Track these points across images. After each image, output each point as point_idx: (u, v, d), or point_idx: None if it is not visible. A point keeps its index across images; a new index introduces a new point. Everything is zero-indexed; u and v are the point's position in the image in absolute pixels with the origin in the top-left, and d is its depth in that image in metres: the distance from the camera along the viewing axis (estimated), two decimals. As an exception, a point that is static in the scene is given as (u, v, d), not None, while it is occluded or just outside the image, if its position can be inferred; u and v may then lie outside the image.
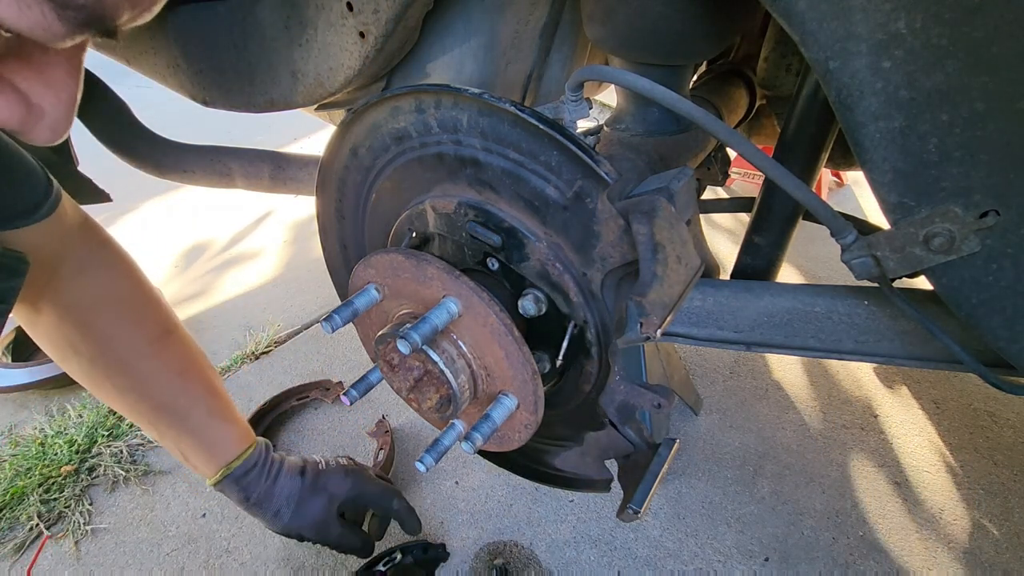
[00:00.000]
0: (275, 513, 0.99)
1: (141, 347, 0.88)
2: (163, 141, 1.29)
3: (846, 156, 1.20)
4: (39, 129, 0.39)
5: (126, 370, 0.88)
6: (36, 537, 1.28)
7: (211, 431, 0.95)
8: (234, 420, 0.98)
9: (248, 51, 0.98)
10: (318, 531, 1.00)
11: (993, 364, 0.62)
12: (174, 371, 0.92)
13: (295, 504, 0.99)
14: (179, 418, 0.92)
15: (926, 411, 1.48)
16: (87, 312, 0.84)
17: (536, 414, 0.71)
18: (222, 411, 0.96)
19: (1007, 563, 1.14)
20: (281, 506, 0.99)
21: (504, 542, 1.22)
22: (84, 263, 0.83)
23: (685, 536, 1.22)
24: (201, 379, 0.95)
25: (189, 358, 0.94)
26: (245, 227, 2.66)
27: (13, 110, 0.37)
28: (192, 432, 0.93)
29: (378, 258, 0.72)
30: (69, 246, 0.80)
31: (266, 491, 0.98)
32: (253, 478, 0.97)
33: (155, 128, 1.30)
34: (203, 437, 0.94)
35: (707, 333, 0.77)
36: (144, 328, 0.89)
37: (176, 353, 0.93)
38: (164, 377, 0.91)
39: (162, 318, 0.92)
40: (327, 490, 1.02)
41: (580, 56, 1.08)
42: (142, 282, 0.91)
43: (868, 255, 0.59)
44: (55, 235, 0.77)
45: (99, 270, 0.85)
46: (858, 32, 0.49)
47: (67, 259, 0.81)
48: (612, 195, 0.60)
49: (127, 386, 0.89)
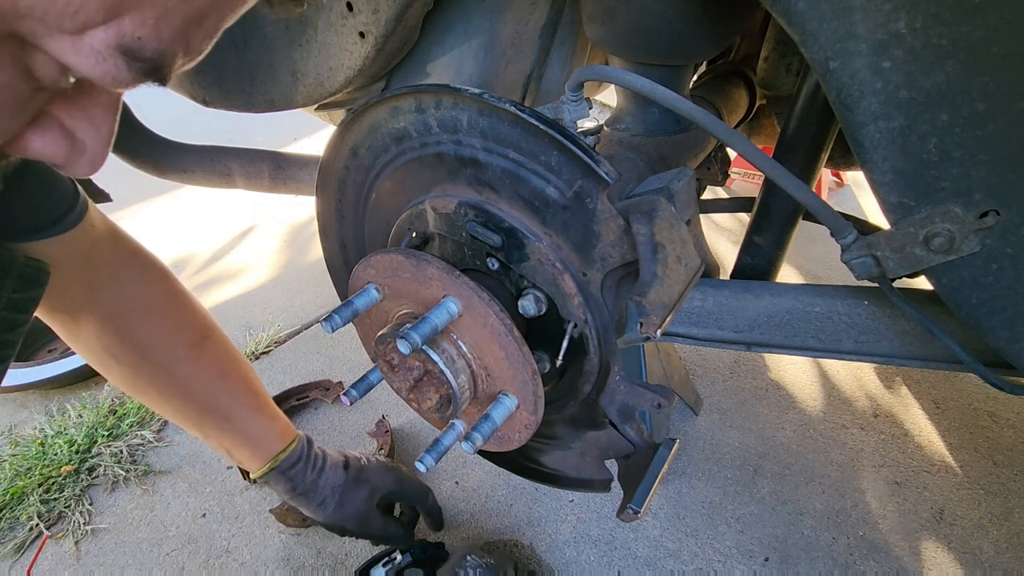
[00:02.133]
0: (320, 503, 1.01)
1: (180, 353, 0.90)
2: (163, 141, 1.29)
3: (846, 156, 1.20)
4: (80, 164, 0.41)
5: (167, 376, 0.90)
6: (36, 537, 1.28)
7: (254, 428, 0.97)
8: (275, 415, 1.01)
9: (248, 51, 0.98)
10: (360, 523, 1.03)
11: (993, 364, 0.62)
12: (214, 374, 0.94)
13: (339, 495, 1.03)
14: (222, 418, 0.95)
15: (926, 411, 1.48)
16: (124, 322, 0.86)
17: (536, 414, 0.71)
18: (263, 408, 0.99)
19: (1007, 563, 1.14)
20: (326, 497, 1.02)
21: (504, 541, 1.22)
22: (118, 273, 0.85)
23: (685, 536, 1.22)
24: (241, 379, 0.98)
25: (228, 360, 0.97)
26: (245, 227, 2.66)
27: (59, 146, 0.39)
28: (236, 431, 0.96)
29: (378, 258, 0.72)
30: (101, 256, 0.82)
31: (312, 482, 1.01)
32: (299, 470, 1.00)
33: (155, 128, 1.30)
34: (247, 434, 0.97)
35: (707, 333, 0.77)
36: (182, 334, 0.91)
37: (215, 356, 0.95)
38: (205, 380, 0.93)
39: (199, 323, 0.94)
40: (369, 483, 1.06)
41: (580, 56, 1.08)
42: (177, 289, 0.93)
43: (868, 255, 0.59)
44: (84, 245, 0.78)
45: (133, 280, 0.87)
46: (858, 32, 0.49)
47: (100, 270, 0.82)
48: (612, 195, 0.60)
49: (169, 392, 0.91)
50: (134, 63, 0.34)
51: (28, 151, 0.38)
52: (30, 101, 0.35)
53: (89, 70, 0.33)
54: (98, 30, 0.32)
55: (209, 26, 0.37)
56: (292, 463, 1.00)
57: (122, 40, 0.32)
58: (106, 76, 0.34)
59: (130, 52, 0.33)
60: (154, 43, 0.34)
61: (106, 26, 0.32)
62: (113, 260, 0.84)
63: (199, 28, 0.36)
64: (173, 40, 0.35)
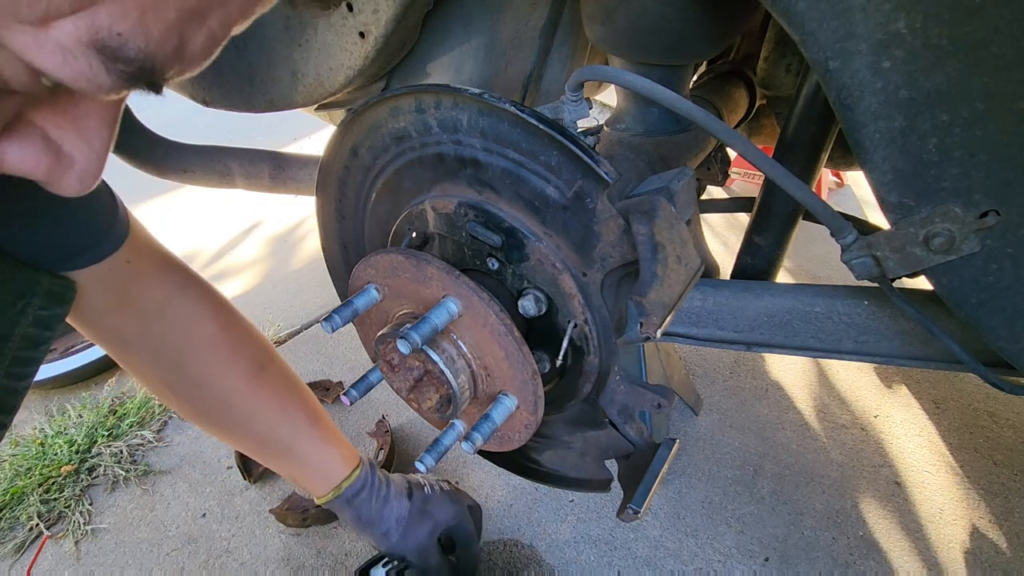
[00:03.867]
0: (384, 534, 0.99)
1: (237, 386, 0.87)
2: (163, 141, 1.29)
3: (846, 156, 1.20)
4: (67, 180, 0.35)
5: (225, 409, 0.88)
6: (36, 537, 1.28)
7: (316, 457, 0.95)
8: (337, 441, 0.98)
9: (248, 51, 0.98)
10: (421, 556, 1.00)
11: (993, 364, 0.62)
12: (274, 404, 0.91)
13: (404, 527, 0.99)
14: (283, 448, 0.93)
15: (926, 411, 1.48)
16: (177, 355, 0.83)
17: (536, 414, 0.71)
18: (325, 436, 0.96)
19: (1007, 563, 1.14)
20: (390, 528, 0.99)
21: (504, 541, 1.22)
22: (167, 305, 0.81)
23: (685, 536, 1.22)
24: (301, 408, 0.94)
25: (287, 389, 0.94)
26: (245, 227, 2.66)
27: (41, 159, 0.34)
28: (298, 460, 0.94)
29: (378, 258, 0.72)
30: (147, 286, 0.79)
31: (376, 512, 0.98)
32: (363, 499, 0.97)
33: (155, 128, 1.30)
34: (309, 463, 0.95)
35: (707, 333, 0.77)
36: (238, 367, 0.88)
37: (273, 386, 0.92)
38: (264, 412, 0.90)
39: (255, 354, 0.90)
40: (433, 517, 1.02)
41: (580, 56, 1.08)
42: (232, 319, 0.89)
43: (868, 255, 0.59)
44: (126, 272, 0.75)
45: (184, 312, 0.83)
46: (858, 32, 0.49)
47: (147, 300, 0.79)
48: (612, 195, 0.60)
49: (228, 424, 0.90)
50: (114, 65, 0.28)
51: (3, 164, 0.33)
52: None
53: (56, 70, 0.27)
54: (65, 21, 0.26)
55: (213, 25, 0.31)
56: (356, 491, 0.97)
57: (97, 36, 0.27)
58: (78, 79, 0.28)
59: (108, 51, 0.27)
60: (139, 41, 0.28)
61: (75, 17, 0.26)
62: (160, 291, 0.80)
63: (199, 27, 0.31)
64: (164, 39, 0.29)
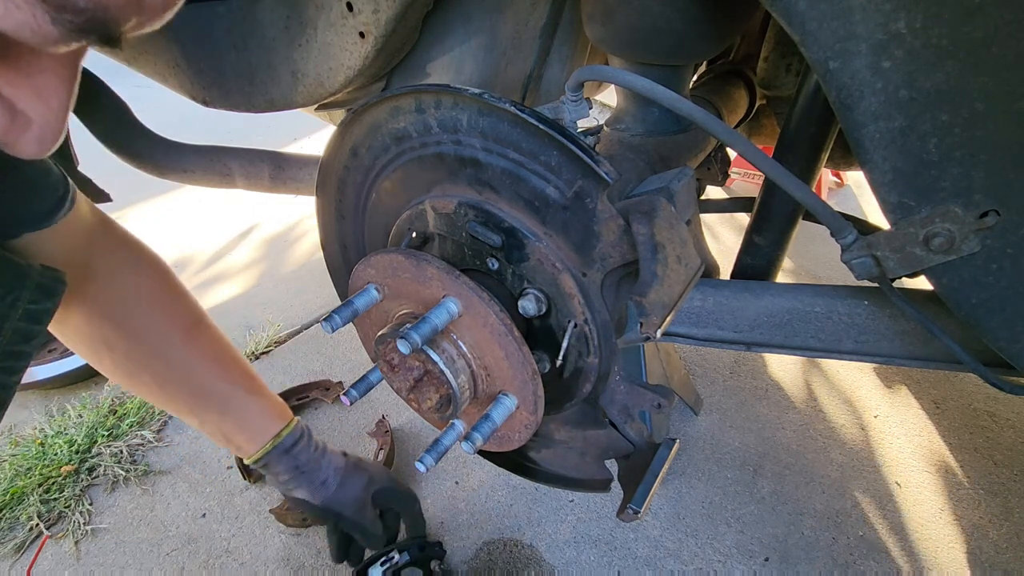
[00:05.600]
0: (322, 482, 1.01)
1: (175, 337, 0.90)
2: (163, 141, 1.29)
3: (846, 156, 1.20)
4: (24, 140, 0.34)
5: (162, 361, 0.90)
6: (36, 537, 1.28)
7: (253, 409, 0.97)
8: (272, 397, 1.01)
9: (248, 51, 0.98)
10: (357, 510, 1.03)
11: (993, 364, 0.62)
12: (210, 357, 0.94)
13: (341, 477, 1.02)
14: (220, 400, 0.95)
15: (926, 411, 1.48)
16: (119, 310, 0.85)
17: (536, 414, 0.71)
18: (259, 390, 0.99)
19: (1007, 563, 1.14)
20: (328, 476, 1.02)
21: (503, 541, 1.22)
22: (111, 263, 0.84)
23: (685, 536, 1.22)
24: (235, 362, 0.98)
25: (221, 344, 0.97)
26: (245, 227, 2.66)
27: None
28: (235, 412, 0.96)
29: (378, 258, 0.72)
30: (92, 247, 0.81)
31: (315, 460, 1.01)
32: (302, 448, 1.00)
33: (155, 128, 1.30)
34: (246, 416, 0.97)
35: (707, 333, 0.77)
36: (176, 319, 0.91)
37: (209, 340, 0.95)
38: (201, 363, 0.93)
39: (191, 309, 0.94)
40: (368, 472, 1.07)
41: (580, 56, 1.08)
42: (168, 275, 0.93)
43: (868, 255, 0.59)
44: (76, 236, 0.78)
45: (127, 269, 0.87)
46: (858, 32, 0.49)
47: (94, 260, 0.81)
48: (612, 195, 0.60)
49: (166, 376, 0.91)
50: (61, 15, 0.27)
51: None
52: None
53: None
54: None
55: None
56: (295, 440, 1.00)
57: None
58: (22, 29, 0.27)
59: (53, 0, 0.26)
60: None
61: None
62: (106, 250, 0.84)
63: None
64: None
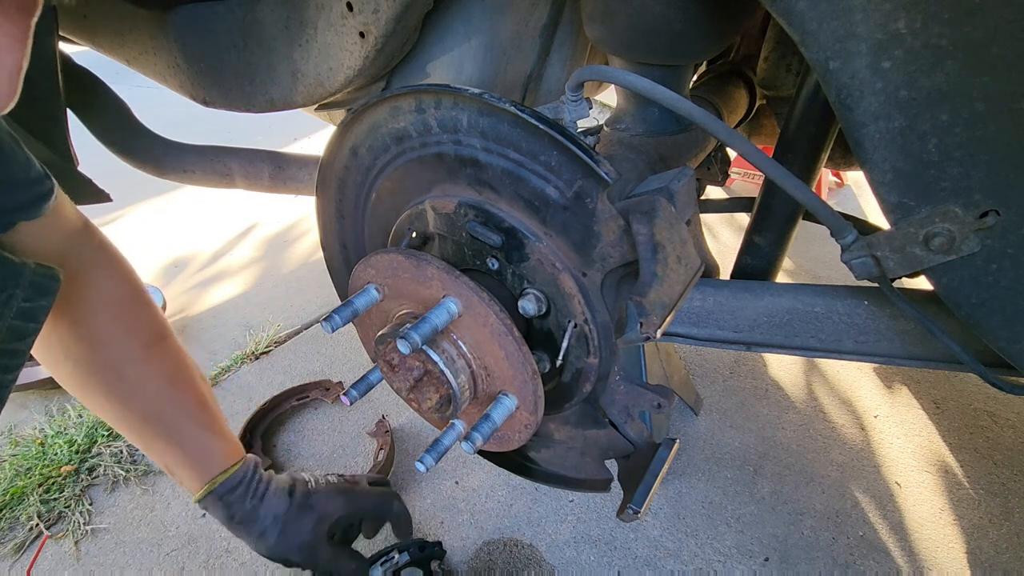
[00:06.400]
0: (260, 534, 0.93)
1: (133, 351, 0.87)
2: (163, 141, 1.29)
3: (846, 156, 1.20)
4: None
5: (116, 375, 0.86)
6: (36, 537, 1.28)
7: (197, 444, 0.91)
8: (222, 435, 0.94)
9: (248, 51, 0.98)
10: (306, 554, 0.95)
11: (993, 364, 0.62)
12: (164, 379, 0.89)
13: (281, 524, 0.94)
14: (165, 428, 0.89)
15: (926, 411, 1.48)
16: (83, 313, 0.83)
17: (536, 414, 0.71)
18: (210, 424, 0.93)
19: (1007, 563, 1.14)
20: (267, 527, 0.93)
21: (503, 541, 1.22)
22: (84, 264, 0.82)
23: (685, 536, 1.22)
24: (191, 389, 0.92)
25: (180, 367, 0.92)
26: (245, 227, 2.66)
27: None
28: (178, 443, 0.90)
29: (378, 258, 0.72)
30: (70, 246, 0.80)
31: (251, 510, 0.93)
32: (238, 496, 0.92)
33: (155, 128, 1.30)
34: (189, 449, 0.91)
35: (707, 333, 0.77)
36: (138, 332, 0.88)
37: (167, 360, 0.91)
38: (153, 384, 0.88)
39: (156, 324, 0.90)
40: (315, 510, 0.97)
41: (580, 56, 1.08)
42: (138, 287, 0.90)
43: (868, 255, 0.59)
44: (56, 233, 0.77)
45: (97, 272, 0.84)
46: (858, 32, 0.49)
47: (68, 259, 0.79)
48: (612, 195, 0.60)
49: (115, 392, 0.87)
50: None
51: None
52: None
53: None
54: None
55: None
56: (231, 487, 0.92)
57: None
58: None
59: None
60: None
61: None
62: (82, 251, 0.82)
63: None
64: None
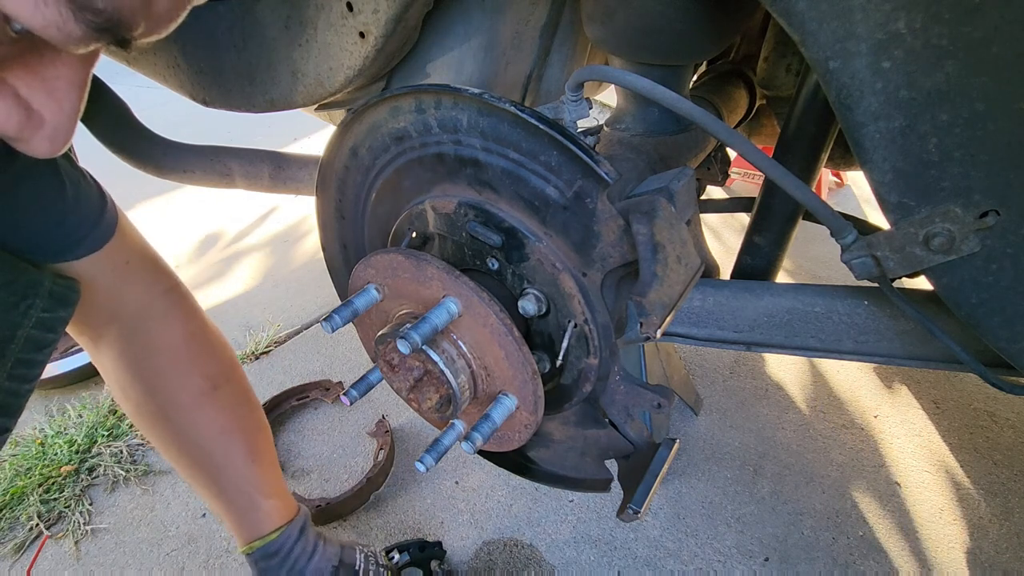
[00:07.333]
0: None
1: (183, 400, 0.85)
2: (163, 141, 1.29)
3: (846, 156, 1.20)
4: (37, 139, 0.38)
5: (166, 421, 0.85)
6: (36, 537, 1.28)
7: (241, 501, 0.88)
8: (270, 493, 0.90)
9: (248, 51, 0.98)
10: None
11: (993, 364, 0.62)
12: (216, 428, 0.87)
13: None
14: (212, 479, 0.88)
15: (926, 411, 1.48)
16: (137, 359, 0.82)
17: (536, 414, 0.71)
18: (258, 481, 0.89)
19: (1007, 563, 1.14)
20: None
21: (504, 541, 1.22)
22: (144, 308, 0.81)
23: (685, 536, 1.22)
24: (243, 442, 0.89)
25: (235, 416, 0.89)
26: (245, 227, 2.66)
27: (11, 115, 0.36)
28: (223, 497, 0.88)
29: (378, 258, 0.72)
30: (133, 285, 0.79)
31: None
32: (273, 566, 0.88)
33: (155, 128, 1.30)
34: (232, 506, 0.88)
35: (707, 333, 0.77)
36: (189, 381, 0.85)
37: (223, 409, 0.88)
38: (203, 433, 0.86)
39: (212, 371, 0.87)
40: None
41: (580, 56, 1.08)
42: (198, 332, 0.87)
43: (868, 255, 0.59)
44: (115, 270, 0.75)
45: (156, 318, 0.83)
46: (858, 32, 0.49)
47: (128, 301, 0.79)
48: (612, 195, 0.60)
49: (167, 437, 0.86)
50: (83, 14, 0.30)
51: None
52: None
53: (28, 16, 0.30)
54: None
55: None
56: (268, 554, 0.87)
57: None
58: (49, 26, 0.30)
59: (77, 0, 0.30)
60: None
61: None
62: (144, 293, 0.80)
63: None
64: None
